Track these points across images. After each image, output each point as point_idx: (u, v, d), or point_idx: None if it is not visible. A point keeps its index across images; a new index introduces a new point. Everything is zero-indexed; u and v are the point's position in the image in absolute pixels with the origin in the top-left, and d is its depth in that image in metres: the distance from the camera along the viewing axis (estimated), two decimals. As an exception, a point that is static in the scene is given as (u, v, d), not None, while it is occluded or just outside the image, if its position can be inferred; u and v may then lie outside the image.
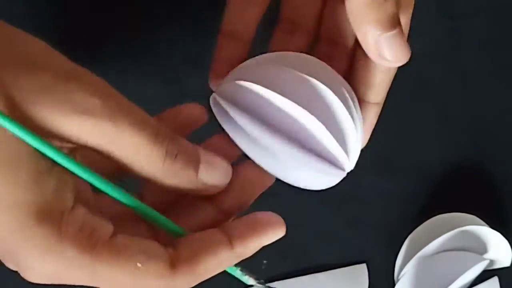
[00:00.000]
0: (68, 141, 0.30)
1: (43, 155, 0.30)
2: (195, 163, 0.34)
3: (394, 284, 0.53)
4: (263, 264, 0.41)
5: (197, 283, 0.34)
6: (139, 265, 0.32)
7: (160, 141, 0.32)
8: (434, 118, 0.54)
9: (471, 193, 0.54)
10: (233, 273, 0.38)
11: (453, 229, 0.51)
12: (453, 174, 0.54)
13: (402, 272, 0.52)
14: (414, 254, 0.52)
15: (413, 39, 0.54)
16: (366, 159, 0.54)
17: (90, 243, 0.31)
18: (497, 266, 0.53)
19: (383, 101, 0.43)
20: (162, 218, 0.34)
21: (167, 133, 0.33)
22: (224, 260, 0.34)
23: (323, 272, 0.53)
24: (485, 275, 0.53)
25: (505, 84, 0.55)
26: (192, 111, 0.37)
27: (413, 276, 0.51)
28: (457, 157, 0.54)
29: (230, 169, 0.36)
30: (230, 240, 0.34)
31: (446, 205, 0.53)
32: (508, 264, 0.53)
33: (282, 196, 0.53)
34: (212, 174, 0.35)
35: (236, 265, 0.37)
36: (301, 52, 0.40)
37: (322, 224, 0.53)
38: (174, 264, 0.33)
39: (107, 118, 0.31)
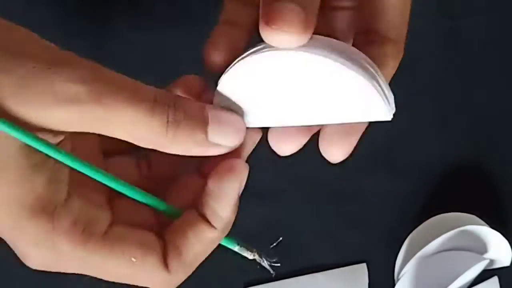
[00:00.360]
0: (60, 131, 0.30)
1: (33, 149, 0.29)
2: (202, 125, 0.32)
3: (394, 284, 0.53)
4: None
5: (192, 270, 0.34)
6: (134, 260, 0.32)
7: (159, 111, 0.31)
8: (434, 118, 0.54)
9: (471, 193, 0.54)
10: (233, 249, 0.38)
11: (453, 229, 0.51)
12: (453, 174, 0.54)
13: (402, 272, 0.52)
14: (414, 254, 0.52)
15: (413, 39, 0.54)
16: (366, 159, 0.54)
17: (83, 238, 0.31)
18: (497, 265, 0.53)
19: (401, 40, 0.41)
20: (158, 203, 0.34)
21: (165, 100, 0.31)
22: (208, 240, 0.34)
23: (322, 272, 0.53)
24: (485, 275, 0.53)
25: (505, 84, 0.55)
26: (191, 83, 0.36)
27: (413, 276, 0.51)
28: (457, 157, 0.54)
29: (243, 125, 0.34)
30: (206, 218, 0.33)
31: (446, 205, 0.53)
32: (508, 264, 0.53)
33: (282, 196, 0.53)
34: (224, 133, 0.33)
35: (235, 241, 0.37)
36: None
37: (322, 224, 0.53)
38: (165, 258, 0.33)
39: (95, 103, 0.30)
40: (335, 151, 0.40)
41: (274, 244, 0.43)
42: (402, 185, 0.54)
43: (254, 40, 0.38)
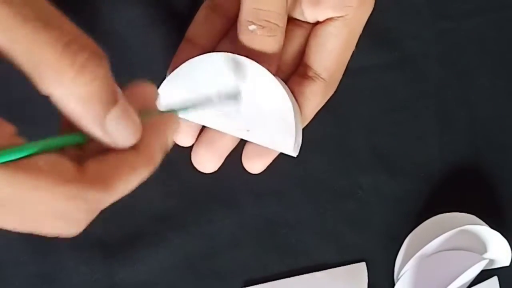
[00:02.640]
0: None
1: None
2: (108, 101, 0.30)
3: (393, 284, 0.53)
4: None
5: (112, 194, 0.31)
6: (42, 165, 0.29)
7: (72, 51, 0.28)
8: (434, 118, 0.54)
9: (471, 193, 0.54)
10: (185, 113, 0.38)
11: (452, 228, 0.51)
12: (453, 174, 0.54)
13: (402, 272, 0.52)
14: (414, 254, 0.52)
15: (413, 39, 0.54)
16: (366, 158, 0.54)
17: None
18: (496, 265, 0.53)
19: (333, 81, 0.47)
20: (57, 139, 0.31)
21: (86, 46, 0.29)
22: (135, 166, 0.32)
23: (322, 271, 0.53)
24: (484, 275, 0.53)
25: (505, 84, 0.55)
26: (144, 90, 0.34)
27: (413, 276, 0.52)
28: (457, 157, 0.54)
29: (140, 128, 0.32)
30: (134, 148, 0.32)
31: (446, 205, 0.53)
32: (507, 264, 0.53)
33: (282, 196, 0.53)
34: (121, 126, 0.31)
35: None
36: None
37: (322, 223, 0.53)
38: (81, 168, 0.30)
39: (10, 13, 0.27)
40: (253, 166, 0.46)
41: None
42: (402, 185, 0.54)
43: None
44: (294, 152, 0.44)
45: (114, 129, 0.31)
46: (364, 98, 0.53)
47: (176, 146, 0.51)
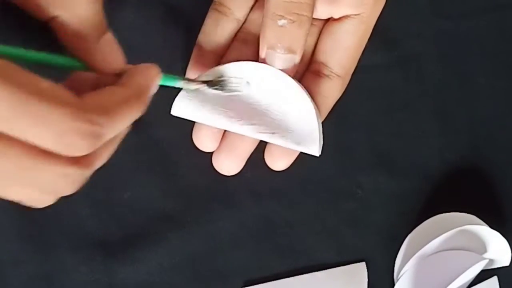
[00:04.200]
0: None
1: None
2: (102, 25, 0.37)
3: (393, 283, 0.53)
4: None
5: (112, 120, 0.33)
6: (42, 84, 0.30)
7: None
8: (434, 118, 0.54)
9: (471, 193, 0.54)
10: (176, 85, 0.42)
11: (452, 228, 0.51)
12: (453, 174, 0.54)
13: (402, 272, 0.52)
14: (414, 254, 0.52)
15: (413, 39, 0.54)
16: (366, 158, 0.54)
17: None
18: (496, 265, 0.53)
19: (347, 77, 0.47)
20: (58, 57, 0.36)
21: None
22: (127, 100, 0.35)
23: (322, 271, 0.53)
24: (484, 275, 0.53)
25: (505, 84, 0.55)
26: (147, 70, 0.39)
27: (413, 276, 0.52)
28: (457, 157, 0.54)
29: (123, 57, 0.39)
30: (123, 85, 0.36)
31: (446, 205, 0.53)
32: (507, 264, 0.53)
33: (282, 196, 0.53)
34: (111, 49, 0.38)
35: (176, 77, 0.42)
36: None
37: (322, 223, 0.53)
38: (80, 96, 0.32)
39: None
40: (276, 164, 0.46)
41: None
42: (402, 185, 0.54)
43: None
44: (318, 152, 0.45)
45: (107, 50, 0.37)
46: (364, 98, 0.53)
47: (176, 145, 0.51)
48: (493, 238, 0.52)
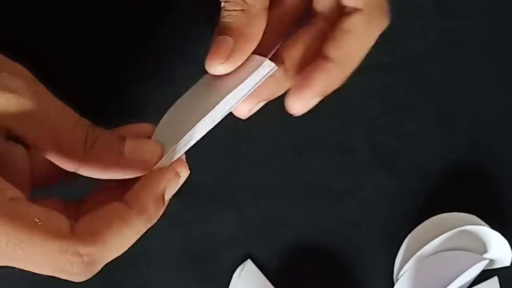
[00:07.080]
0: None
1: None
2: (118, 141, 0.35)
3: (393, 284, 0.53)
4: None
5: (103, 247, 0.33)
6: (37, 221, 0.31)
7: (80, 126, 0.34)
8: (434, 118, 0.54)
9: (471, 193, 0.54)
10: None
11: (452, 228, 0.51)
12: (453, 174, 0.54)
13: (402, 272, 0.52)
14: (414, 254, 0.52)
15: (413, 39, 0.54)
16: (366, 158, 0.54)
17: None
18: (497, 265, 0.53)
19: (348, 70, 0.43)
20: None
21: (86, 121, 0.35)
22: (126, 219, 0.34)
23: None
24: (485, 275, 0.53)
25: (505, 84, 0.55)
26: (140, 128, 0.38)
27: (413, 276, 0.51)
28: (457, 157, 0.54)
29: (159, 148, 0.37)
30: (125, 201, 0.34)
31: (446, 205, 0.53)
32: (508, 264, 0.53)
33: (281, 196, 0.53)
34: (140, 147, 0.35)
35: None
36: None
37: (322, 223, 0.53)
38: (74, 225, 0.32)
39: (32, 98, 0.32)
40: (295, 107, 0.41)
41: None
42: (402, 185, 0.54)
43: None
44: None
45: (134, 150, 0.35)
46: (364, 97, 0.53)
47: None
48: (493, 238, 0.52)
